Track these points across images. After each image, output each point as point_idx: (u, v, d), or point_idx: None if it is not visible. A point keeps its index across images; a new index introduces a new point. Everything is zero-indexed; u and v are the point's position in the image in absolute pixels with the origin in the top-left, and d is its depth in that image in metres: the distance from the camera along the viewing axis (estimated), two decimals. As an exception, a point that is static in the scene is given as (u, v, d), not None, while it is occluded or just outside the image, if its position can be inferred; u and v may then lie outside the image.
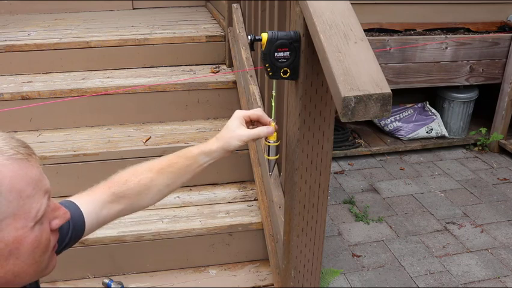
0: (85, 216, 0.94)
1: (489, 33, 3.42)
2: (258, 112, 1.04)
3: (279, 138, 1.10)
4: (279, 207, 1.46)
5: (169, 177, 1.04)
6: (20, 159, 0.63)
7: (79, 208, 0.94)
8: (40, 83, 2.35)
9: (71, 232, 0.90)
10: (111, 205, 0.97)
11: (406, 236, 2.53)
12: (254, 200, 1.95)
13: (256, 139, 1.04)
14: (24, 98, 2.20)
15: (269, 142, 1.09)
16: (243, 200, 1.97)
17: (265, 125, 1.05)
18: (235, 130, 1.01)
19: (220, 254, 1.83)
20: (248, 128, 1.03)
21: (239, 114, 1.02)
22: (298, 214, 1.17)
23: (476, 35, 3.33)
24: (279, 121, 1.51)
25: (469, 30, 3.49)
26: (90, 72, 2.53)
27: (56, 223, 0.70)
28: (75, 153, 1.97)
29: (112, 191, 0.98)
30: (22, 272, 0.65)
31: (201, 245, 1.80)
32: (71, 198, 0.97)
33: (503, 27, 3.51)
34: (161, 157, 1.05)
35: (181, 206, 1.93)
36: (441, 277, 2.23)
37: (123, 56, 2.57)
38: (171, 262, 1.81)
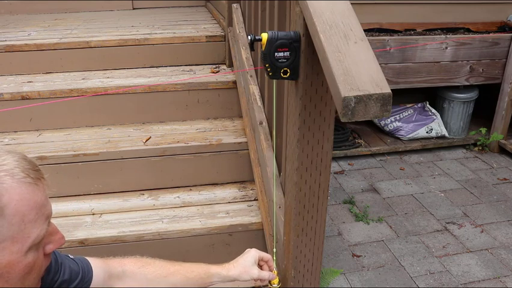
0: (93, 275, 0.99)
1: (489, 33, 3.42)
2: (268, 257, 1.22)
3: (280, 282, 1.26)
4: (279, 207, 1.46)
5: (180, 279, 1.14)
6: (29, 183, 0.63)
7: (90, 264, 1.00)
8: (40, 83, 2.35)
9: (79, 281, 0.91)
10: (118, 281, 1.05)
11: (406, 236, 2.53)
12: (254, 200, 1.95)
13: (259, 280, 1.19)
14: (24, 98, 2.20)
15: (272, 286, 1.26)
16: (243, 200, 1.97)
17: (271, 268, 1.22)
18: (250, 267, 1.17)
19: (220, 254, 1.83)
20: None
21: (256, 255, 1.19)
22: (298, 214, 1.17)
23: (476, 35, 3.33)
24: (278, 121, 1.51)
25: (469, 30, 3.49)
26: (90, 72, 2.53)
27: (50, 248, 0.69)
28: (75, 153, 1.97)
29: (123, 269, 1.10)
30: None
31: (201, 245, 1.80)
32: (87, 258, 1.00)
33: (503, 27, 3.51)
34: (183, 263, 1.17)
35: (181, 206, 1.93)
36: (441, 277, 2.23)
37: (123, 56, 2.57)
38: (171, 262, 1.81)
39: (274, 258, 1.31)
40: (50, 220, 0.68)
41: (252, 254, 1.19)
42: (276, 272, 1.27)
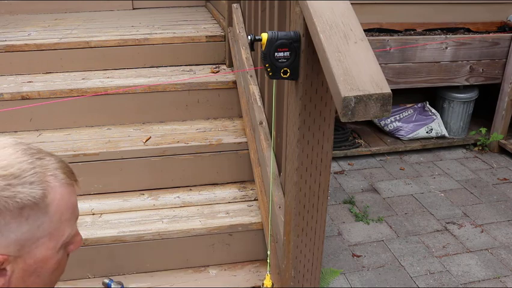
0: None
1: (489, 33, 3.42)
2: None
3: (273, 283, 1.28)
4: (279, 207, 1.46)
5: None
6: (68, 184, 0.68)
7: None
8: (40, 83, 2.35)
9: None
10: None
11: (406, 236, 2.53)
12: (254, 200, 1.95)
13: None
14: (24, 98, 2.20)
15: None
16: (243, 200, 1.97)
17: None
18: None
19: (220, 254, 1.83)
20: None
21: None
22: (298, 214, 1.17)
23: (476, 35, 3.33)
24: (278, 121, 1.51)
25: (469, 30, 3.49)
26: (90, 72, 2.53)
27: (71, 248, 0.73)
28: (75, 153, 1.97)
29: None
30: None
31: (201, 245, 1.80)
32: None
33: (503, 27, 3.51)
34: None
35: (181, 206, 1.93)
36: (441, 277, 2.23)
37: (123, 56, 2.57)
38: (171, 262, 1.81)
39: (269, 261, 1.31)
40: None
41: None
42: (269, 275, 1.26)
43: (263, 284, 1.27)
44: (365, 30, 0.89)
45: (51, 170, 0.66)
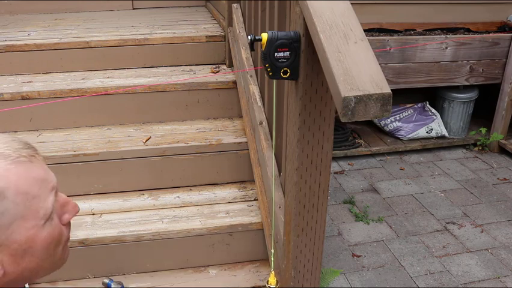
0: None
1: (489, 33, 3.42)
2: None
3: (277, 282, 1.28)
4: (279, 207, 1.46)
5: None
6: (23, 161, 0.65)
7: None
8: (40, 83, 2.35)
9: None
10: None
11: (406, 236, 2.53)
12: (254, 200, 1.95)
13: None
14: (24, 98, 2.20)
15: (269, 286, 1.28)
16: (243, 200, 1.97)
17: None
18: None
19: (220, 254, 1.83)
20: None
21: None
22: (298, 214, 1.17)
23: (476, 35, 3.33)
24: (278, 121, 1.51)
25: (469, 30, 3.49)
26: (90, 72, 2.53)
27: (67, 217, 0.72)
28: (75, 153, 1.97)
29: None
30: (38, 267, 0.68)
31: (201, 245, 1.80)
32: None
33: (503, 27, 3.51)
34: None
35: (181, 206, 1.93)
36: (441, 277, 2.23)
37: (123, 56, 2.57)
38: (171, 262, 1.81)
39: (272, 259, 1.32)
40: (57, 191, 0.70)
41: None
42: (273, 273, 1.27)
43: (268, 282, 1.27)
44: (365, 30, 0.89)
45: None
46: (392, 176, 3.18)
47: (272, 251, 1.40)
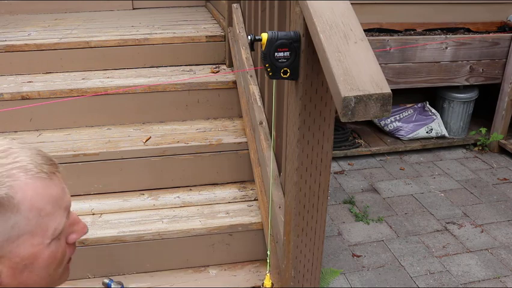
0: None
1: (489, 33, 3.42)
2: None
3: (272, 283, 1.28)
4: (279, 207, 1.46)
5: None
6: (43, 177, 0.65)
7: None
8: (40, 83, 2.34)
9: None
10: None
11: (406, 236, 2.53)
12: (254, 200, 1.95)
13: None
14: (24, 98, 2.20)
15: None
16: (243, 200, 1.97)
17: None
18: None
19: (220, 254, 1.83)
20: None
21: None
22: (298, 214, 1.17)
23: (476, 35, 3.33)
24: (278, 121, 1.51)
25: (469, 30, 3.49)
26: (90, 72, 2.53)
27: (73, 237, 0.71)
28: (75, 153, 1.97)
29: None
30: (34, 284, 0.67)
31: (201, 245, 1.80)
32: None
33: (503, 27, 3.51)
34: None
35: (181, 206, 1.93)
36: (441, 277, 2.23)
37: (123, 56, 2.57)
38: (171, 262, 1.81)
39: (268, 261, 1.31)
40: (69, 211, 0.70)
41: None
42: (268, 275, 1.27)
43: (263, 284, 1.27)
44: (365, 30, 0.89)
45: (21, 167, 0.63)
46: (392, 176, 3.18)
47: (268, 252, 1.40)
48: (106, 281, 1.72)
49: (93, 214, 1.88)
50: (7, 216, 0.61)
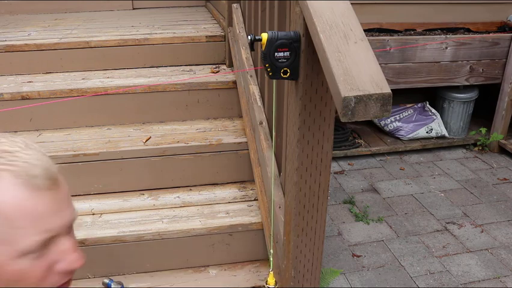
0: None
1: (489, 33, 3.42)
2: None
3: (276, 282, 1.27)
4: (279, 207, 1.46)
5: None
6: (32, 189, 0.60)
7: None
8: (40, 83, 2.34)
9: None
10: None
11: (406, 236, 2.53)
12: (254, 200, 1.95)
13: None
14: (24, 98, 2.20)
15: (268, 286, 1.27)
16: (243, 200, 1.97)
17: None
18: None
19: (220, 254, 1.83)
20: None
21: None
22: (298, 214, 1.17)
23: (476, 35, 3.33)
24: (278, 121, 1.51)
25: (469, 30, 3.49)
26: (90, 72, 2.53)
27: (61, 266, 0.66)
28: (75, 153, 1.97)
29: None
30: None
31: (201, 245, 1.80)
32: None
33: (503, 27, 3.51)
34: None
35: (181, 206, 1.93)
36: (441, 277, 2.23)
37: (123, 56, 2.57)
38: (171, 262, 1.81)
39: (271, 259, 1.31)
40: (53, 235, 0.63)
41: None
42: (271, 273, 1.27)
43: (267, 282, 1.27)
44: (365, 30, 0.89)
45: (14, 171, 0.58)
46: (392, 176, 3.18)
47: (271, 251, 1.40)
48: (106, 281, 1.72)
49: (93, 214, 1.88)
50: None
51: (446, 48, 3.24)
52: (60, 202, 0.64)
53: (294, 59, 1.02)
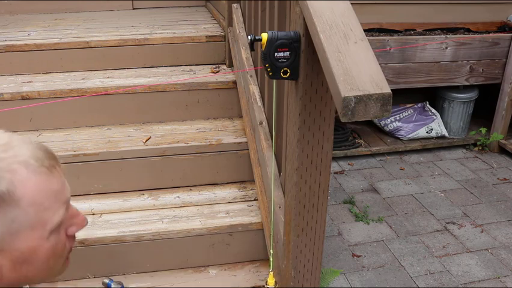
0: None
1: (489, 33, 3.42)
2: None
3: (276, 282, 1.29)
4: (279, 207, 1.46)
5: None
6: (43, 172, 0.65)
7: None
8: (40, 83, 2.35)
9: None
10: None
11: (406, 236, 2.53)
12: (254, 200, 1.95)
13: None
14: (24, 98, 2.20)
15: (268, 286, 1.29)
16: (243, 200, 1.97)
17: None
18: None
19: (220, 254, 1.83)
20: None
21: None
22: (298, 214, 1.17)
23: (476, 35, 3.33)
24: (278, 121, 1.51)
25: (469, 30, 3.49)
26: (90, 72, 2.53)
27: (73, 230, 0.72)
28: (75, 153, 1.97)
29: None
30: (35, 276, 0.68)
31: (201, 245, 1.80)
32: None
33: (503, 27, 3.51)
34: None
35: (181, 206, 1.93)
36: (441, 277, 2.23)
37: (123, 56, 2.57)
38: (171, 262, 1.81)
39: (272, 259, 1.31)
40: (69, 204, 0.71)
41: None
42: (271, 273, 1.27)
43: (266, 282, 1.27)
44: (365, 30, 0.89)
45: (21, 162, 0.63)
46: (392, 176, 3.18)
47: (271, 251, 1.40)
48: (106, 281, 1.72)
49: (93, 214, 1.88)
50: (7, 210, 0.61)
51: (446, 48, 3.24)
52: (63, 173, 0.70)
53: (294, 59, 1.02)
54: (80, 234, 1.73)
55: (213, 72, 2.47)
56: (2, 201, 0.60)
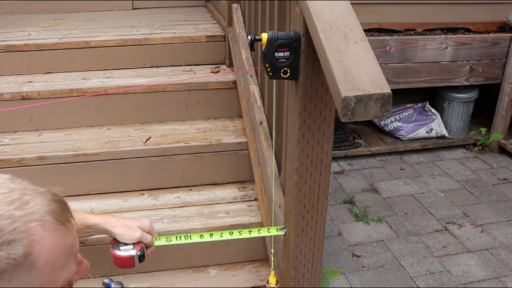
0: None
1: (489, 33, 3.42)
2: (150, 228, 1.24)
3: (277, 282, 1.29)
4: (279, 207, 1.45)
5: None
6: (59, 229, 0.63)
7: None
8: (40, 83, 2.34)
9: None
10: None
11: (406, 236, 2.53)
12: (254, 200, 1.95)
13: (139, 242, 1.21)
14: (24, 98, 2.20)
15: (269, 286, 1.28)
16: (243, 200, 1.97)
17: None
18: (133, 228, 1.19)
19: (220, 254, 1.83)
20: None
21: (147, 224, 1.23)
22: (298, 214, 1.17)
23: (476, 35, 3.33)
24: (278, 121, 1.51)
25: (469, 30, 3.49)
26: (90, 72, 2.53)
27: (76, 278, 0.71)
28: (75, 153, 1.97)
29: None
30: None
31: (200, 245, 1.80)
32: None
33: (503, 27, 3.51)
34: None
35: (181, 206, 1.93)
36: (441, 277, 2.23)
37: (123, 56, 2.57)
38: (171, 262, 1.81)
39: (272, 258, 1.31)
40: (77, 254, 0.69)
41: (142, 221, 1.21)
42: (273, 272, 1.27)
43: (268, 281, 1.27)
44: (365, 30, 0.89)
45: (37, 218, 0.60)
46: (392, 176, 3.18)
47: (272, 250, 1.40)
48: (106, 281, 1.72)
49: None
50: (22, 274, 0.59)
51: (446, 48, 3.24)
52: (74, 224, 0.68)
53: (294, 59, 1.02)
54: (80, 234, 1.73)
55: (213, 72, 2.47)
56: (18, 267, 0.58)
